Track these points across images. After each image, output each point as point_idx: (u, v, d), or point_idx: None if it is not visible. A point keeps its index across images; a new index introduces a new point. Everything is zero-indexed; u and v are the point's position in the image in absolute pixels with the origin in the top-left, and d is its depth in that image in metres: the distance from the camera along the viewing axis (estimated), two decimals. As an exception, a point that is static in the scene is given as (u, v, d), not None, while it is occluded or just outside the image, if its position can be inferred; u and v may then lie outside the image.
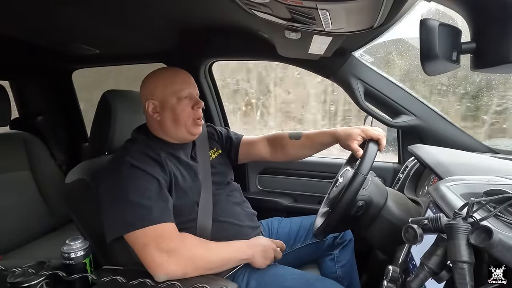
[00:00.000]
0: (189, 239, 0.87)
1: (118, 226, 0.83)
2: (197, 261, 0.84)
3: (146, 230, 0.81)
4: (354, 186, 0.83)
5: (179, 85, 0.97)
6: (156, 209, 0.84)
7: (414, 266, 0.72)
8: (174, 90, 0.96)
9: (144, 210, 0.82)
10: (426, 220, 0.55)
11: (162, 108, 0.97)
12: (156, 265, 0.80)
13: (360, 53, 1.34)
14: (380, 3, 0.58)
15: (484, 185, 0.68)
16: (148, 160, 0.90)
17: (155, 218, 0.83)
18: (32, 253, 1.44)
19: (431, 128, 1.33)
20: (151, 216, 0.82)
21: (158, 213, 0.84)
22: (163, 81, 0.97)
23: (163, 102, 0.96)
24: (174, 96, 0.96)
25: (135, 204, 0.83)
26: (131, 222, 0.81)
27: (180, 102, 0.97)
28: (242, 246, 0.94)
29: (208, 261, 0.86)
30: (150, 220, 0.82)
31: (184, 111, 0.97)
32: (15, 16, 1.08)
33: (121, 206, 0.83)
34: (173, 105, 0.96)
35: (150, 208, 0.83)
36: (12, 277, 0.74)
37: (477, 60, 0.56)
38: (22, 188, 1.54)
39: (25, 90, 2.00)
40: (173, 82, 0.97)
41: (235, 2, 0.69)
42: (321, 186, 1.63)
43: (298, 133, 1.18)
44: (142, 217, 0.82)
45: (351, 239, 1.22)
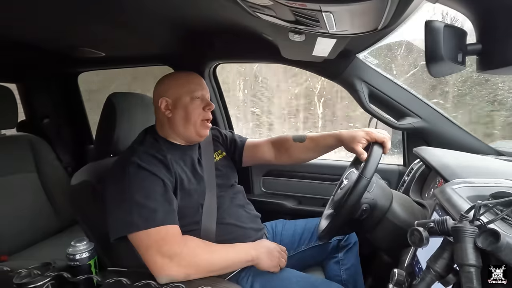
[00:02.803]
0: (192, 242, 0.87)
1: (122, 226, 0.83)
2: (200, 264, 0.84)
3: (149, 232, 0.82)
4: (358, 190, 0.83)
5: (194, 86, 1.01)
6: (160, 211, 0.84)
7: (420, 269, 0.71)
8: (189, 89, 0.99)
9: (148, 211, 0.83)
10: (432, 223, 0.55)
11: (175, 106, 0.99)
12: (158, 268, 0.80)
13: (364, 55, 1.34)
14: (385, 5, 0.57)
15: (491, 188, 0.68)
16: (155, 161, 0.91)
17: (159, 220, 0.83)
18: (37, 254, 1.45)
19: (436, 130, 1.31)
20: (155, 217, 0.83)
21: (162, 215, 0.84)
22: (178, 81, 1.01)
23: (176, 100, 0.99)
24: (188, 95, 0.99)
25: (139, 205, 0.83)
26: (134, 222, 0.82)
27: (193, 102, 0.99)
28: (246, 247, 0.94)
29: (211, 264, 0.86)
30: (154, 222, 0.82)
31: (195, 110, 1.00)
32: (22, 21, 1.10)
33: (126, 206, 0.84)
34: (186, 103, 0.99)
35: (154, 210, 0.83)
36: (18, 278, 0.74)
37: (483, 61, 0.56)
38: (28, 190, 1.56)
39: (32, 93, 2.02)
40: (189, 82, 1.01)
41: (239, 5, 0.69)
42: (326, 188, 1.62)
43: (302, 136, 1.18)
44: (146, 218, 0.82)
45: (356, 241, 1.21)
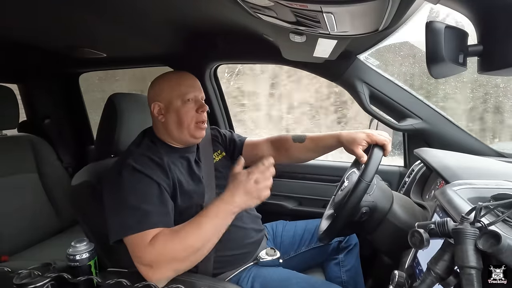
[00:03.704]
0: (159, 240, 0.79)
1: (117, 229, 0.82)
2: (178, 255, 0.78)
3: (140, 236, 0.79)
4: (358, 193, 0.82)
5: (185, 88, 0.98)
6: (152, 213, 0.82)
7: (421, 271, 0.71)
8: (180, 92, 0.97)
9: (141, 213, 0.81)
10: (433, 225, 0.55)
11: (167, 110, 0.97)
12: (147, 277, 0.78)
13: (365, 56, 1.34)
14: (386, 6, 0.57)
15: (492, 189, 0.68)
16: (150, 163, 0.90)
17: (150, 223, 0.81)
18: (38, 254, 1.45)
19: (437, 131, 1.31)
20: (148, 220, 0.81)
21: (153, 217, 0.82)
22: (169, 83, 0.98)
23: (168, 104, 0.97)
24: (179, 99, 0.96)
25: (132, 207, 0.82)
26: (130, 225, 0.80)
27: (185, 105, 0.97)
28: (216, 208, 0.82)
29: (190, 247, 0.79)
30: (146, 225, 0.80)
31: (188, 114, 0.97)
32: (24, 21, 1.10)
33: (120, 209, 0.83)
34: (177, 107, 0.96)
35: (146, 212, 0.81)
36: (18, 278, 0.74)
37: (484, 62, 0.56)
38: (29, 190, 1.56)
39: (33, 94, 2.03)
40: (179, 84, 0.98)
41: (240, 6, 0.69)
42: (326, 189, 1.62)
43: (302, 136, 1.17)
44: (139, 221, 0.80)
45: (356, 243, 1.20)
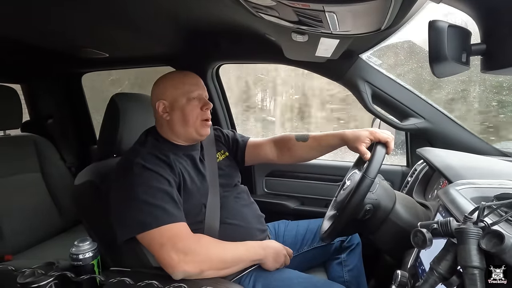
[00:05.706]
0: (205, 239, 0.89)
1: (132, 226, 0.84)
2: (213, 259, 0.85)
3: (161, 230, 0.82)
4: (362, 190, 0.82)
5: (189, 86, 0.99)
6: (169, 209, 0.85)
7: (423, 271, 0.71)
8: (184, 91, 0.98)
9: (158, 209, 0.83)
10: (436, 224, 0.54)
11: (172, 108, 0.98)
12: (174, 264, 0.80)
13: (367, 55, 1.34)
14: (388, 5, 0.57)
15: (495, 189, 0.67)
16: (158, 161, 0.91)
17: (170, 218, 0.84)
18: (41, 253, 1.46)
19: (440, 130, 1.31)
20: (166, 215, 0.83)
21: (172, 212, 0.85)
22: (174, 82, 1.00)
23: (173, 102, 0.98)
24: (184, 97, 0.98)
25: (148, 204, 0.84)
26: (147, 222, 0.82)
27: (189, 103, 0.98)
28: (255, 246, 0.95)
29: (223, 260, 0.87)
30: (165, 220, 0.83)
31: (193, 112, 0.99)
32: (26, 21, 1.11)
33: (135, 206, 0.84)
34: (182, 105, 0.98)
35: (163, 208, 0.84)
36: (22, 277, 0.75)
37: (487, 61, 0.56)
38: (33, 190, 1.57)
39: (36, 94, 2.04)
40: (184, 83, 1.00)
41: (242, 6, 0.69)
42: (328, 189, 1.62)
43: (305, 135, 1.18)
44: (156, 216, 0.83)
45: (358, 242, 1.20)
